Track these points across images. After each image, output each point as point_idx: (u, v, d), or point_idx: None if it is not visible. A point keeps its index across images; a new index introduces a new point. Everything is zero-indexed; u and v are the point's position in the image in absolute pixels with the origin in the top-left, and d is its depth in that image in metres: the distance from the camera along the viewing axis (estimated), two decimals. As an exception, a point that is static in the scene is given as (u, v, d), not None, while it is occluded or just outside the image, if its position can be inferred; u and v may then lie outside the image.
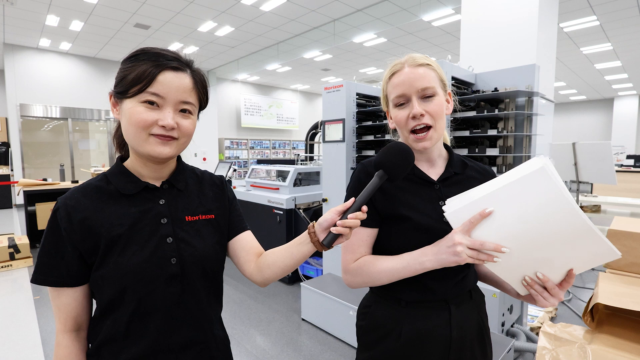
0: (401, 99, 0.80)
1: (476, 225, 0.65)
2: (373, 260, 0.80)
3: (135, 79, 0.63)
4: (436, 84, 0.80)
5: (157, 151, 0.66)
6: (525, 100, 2.20)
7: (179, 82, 0.66)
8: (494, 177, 0.89)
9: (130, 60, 0.66)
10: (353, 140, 2.69)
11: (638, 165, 7.85)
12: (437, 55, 8.49)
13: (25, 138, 8.09)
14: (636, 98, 12.90)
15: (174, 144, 0.68)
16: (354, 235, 0.81)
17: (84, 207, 0.66)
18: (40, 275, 0.65)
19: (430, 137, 0.79)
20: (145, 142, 0.65)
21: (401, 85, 0.79)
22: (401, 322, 0.82)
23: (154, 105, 0.64)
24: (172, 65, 0.65)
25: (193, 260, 0.71)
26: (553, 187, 0.61)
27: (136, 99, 0.64)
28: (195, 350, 0.72)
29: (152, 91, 0.63)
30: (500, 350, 1.75)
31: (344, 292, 2.46)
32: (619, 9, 5.64)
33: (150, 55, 0.65)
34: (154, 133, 0.65)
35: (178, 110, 0.67)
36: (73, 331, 0.69)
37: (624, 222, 1.16)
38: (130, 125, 0.64)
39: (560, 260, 0.67)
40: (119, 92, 0.66)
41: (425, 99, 0.79)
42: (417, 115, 0.77)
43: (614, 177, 4.20)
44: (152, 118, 0.64)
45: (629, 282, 1.04)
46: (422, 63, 0.80)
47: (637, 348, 0.89)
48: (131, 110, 0.64)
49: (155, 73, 0.63)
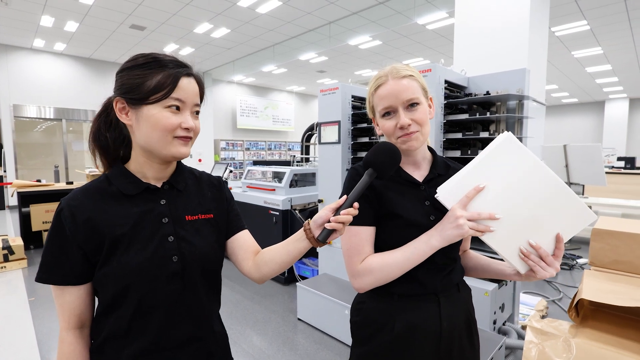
0: (388, 109, 0.85)
1: (472, 199, 0.74)
2: (380, 257, 0.82)
3: (157, 86, 0.67)
4: (419, 93, 0.84)
5: (181, 151, 0.71)
6: (516, 103, 2.25)
7: (193, 87, 0.71)
8: None
9: (142, 68, 0.68)
10: (348, 142, 2.73)
11: (628, 167, 7.98)
12: (431, 58, 8.58)
13: (19, 139, 8.03)
14: (626, 101, 13.13)
15: (190, 143, 0.73)
16: (356, 237, 0.84)
17: (87, 207, 0.68)
18: (45, 274, 0.67)
19: (417, 137, 0.84)
20: (169, 144, 0.69)
21: (387, 98, 0.84)
22: (394, 316, 0.85)
23: (177, 110, 0.69)
24: (187, 72, 0.70)
25: (193, 259, 0.73)
26: (522, 152, 0.73)
27: (160, 105, 0.67)
28: (195, 346, 0.75)
29: (176, 97, 0.68)
30: (492, 348, 1.80)
31: (339, 291, 2.50)
32: (609, 14, 5.76)
33: (166, 62, 0.69)
34: (177, 135, 0.70)
35: (192, 112, 0.72)
36: (76, 328, 0.71)
37: (608, 222, 1.20)
38: (155, 130, 0.68)
39: (547, 224, 0.76)
40: (136, 99, 0.67)
41: (410, 108, 0.84)
42: (405, 125, 0.82)
43: (604, 178, 4.29)
44: (178, 121, 0.69)
45: (612, 279, 1.08)
46: (405, 75, 0.84)
47: (618, 341, 0.93)
48: (157, 115, 0.67)
49: (177, 79, 0.68)
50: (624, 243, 1.10)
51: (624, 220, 1.23)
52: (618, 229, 1.11)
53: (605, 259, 1.14)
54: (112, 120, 0.75)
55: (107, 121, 0.75)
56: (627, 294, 0.96)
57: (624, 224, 1.18)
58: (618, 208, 5.24)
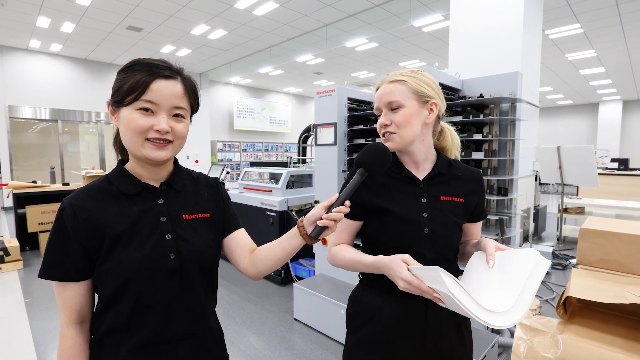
0: (378, 109, 0.95)
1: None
2: (343, 249, 0.95)
3: (130, 89, 0.69)
4: (404, 97, 0.89)
5: (152, 155, 0.71)
6: (509, 105, 2.29)
7: (171, 89, 0.71)
8: (478, 178, 0.99)
9: (125, 71, 0.71)
10: (345, 144, 2.76)
11: (622, 168, 8.07)
12: (427, 60, 8.64)
13: (14, 140, 7.99)
14: (620, 103, 13.28)
15: (169, 147, 0.73)
16: (339, 224, 0.89)
17: (88, 206, 0.71)
18: (48, 270, 0.70)
19: (393, 139, 0.91)
20: (141, 146, 0.70)
21: (377, 99, 0.94)
22: (382, 308, 0.91)
23: (148, 112, 0.70)
24: (164, 74, 0.70)
25: (190, 256, 0.76)
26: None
27: (132, 107, 0.69)
28: (192, 341, 0.77)
29: (146, 99, 0.69)
30: (485, 346, 1.83)
31: (335, 292, 2.52)
32: (601, 17, 5.84)
33: (144, 65, 0.70)
34: (149, 137, 0.70)
35: (171, 115, 0.72)
36: (77, 323, 0.73)
37: (595, 222, 1.24)
38: (127, 131, 0.70)
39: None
40: (116, 101, 0.71)
41: (392, 111, 0.90)
42: (382, 124, 0.92)
43: (597, 179, 4.34)
44: (148, 123, 0.69)
45: (598, 277, 1.11)
46: (394, 80, 0.91)
47: (604, 337, 0.96)
48: (128, 117, 0.69)
49: (149, 82, 0.69)
50: (609, 242, 1.13)
51: (610, 220, 1.27)
52: (604, 229, 1.15)
53: (592, 258, 1.17)
54: None
55: None
56: (612, 291, 1.00)
57: (610, 223, 1.21)
58: (611, 209, 5.30)
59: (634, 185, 6.89)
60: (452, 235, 0.92)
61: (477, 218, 1.00)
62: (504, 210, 2.36)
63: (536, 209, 5.00)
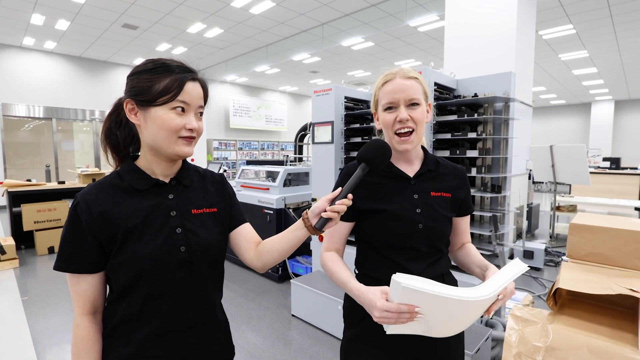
0: (391, 104, 0.93)
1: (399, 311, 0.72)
2: (333, 261, 0.95)
3: (165, 89, 0.72)
4: (420, 95, 0.93)
5: (184, 151, 0.76)
6: (503, 105, 2.34)
7: (198, 91, 0.77)
8: (463, 174, 1.04)
9: (151, 72, 0.74)
10: (341, 142, 2.79)
11: (614, 167, 8.20)
12: (422, 60, 8.70)
13: (7, 138, 7.91)
14: (612, 103, 13.47)
15: (193, 143, 0.78)
16: (332, 227, 0.91)
17: (102, 201, 0.74)
18: (63, 263, 0.73)
19: (412, 140, 0.92)
20: (174, 143, 0.75)
21: (392, 93, 0.92)
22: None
23: (182, 112, 0.74)
24: (193, 77, 0.76)
25: (199, 249, 0.79)
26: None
27: (166, 107, 0.73)
28: (200, 331, 0.81)
29: (182, 99, 0.73)
30: (478, 339, 1.88)
31: (332, 288, 2.56)
32: (594, 18, 5.93)
33: (173, 67, 0.74)
34: (182, 135, 0.75)
35: (196, 114, 0.77)
36: (90, 314, 0.76)
37: (584, 217, 1.29)
38: (161, 130, 0.73)
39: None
40: (144, 101, 0.73)
41: (410, 107, 0.92)
42: (404, 119, 0.91)
43: (588, 178, 4.43)
44: (183, 122, 0.74)
45: (587, 270, 1.16)
46: (411, 76, 0.93)
47: (591, 326, 1.01)
48: (164, 116, 0.73)
49: (183, 84, 0.73)
50: (597, 236, 1.18)
51: (599, 216, 1.32)
52: (593, 224, 1.20)
53: (580, 252, 1.22)
54: (122, 120, 0.81)
55: (118, 120, 0.82)
56: (599, 283, 1.04)
57: (599, 219, 1.26)
58: (603, 207, 5.40)
59: (625, 184, 7.02)
60: (444, 228, 0.97)
61: (465, 212, 1.05)
62: (497, 207, 2.42)
63: (529, 207, 5.08)
